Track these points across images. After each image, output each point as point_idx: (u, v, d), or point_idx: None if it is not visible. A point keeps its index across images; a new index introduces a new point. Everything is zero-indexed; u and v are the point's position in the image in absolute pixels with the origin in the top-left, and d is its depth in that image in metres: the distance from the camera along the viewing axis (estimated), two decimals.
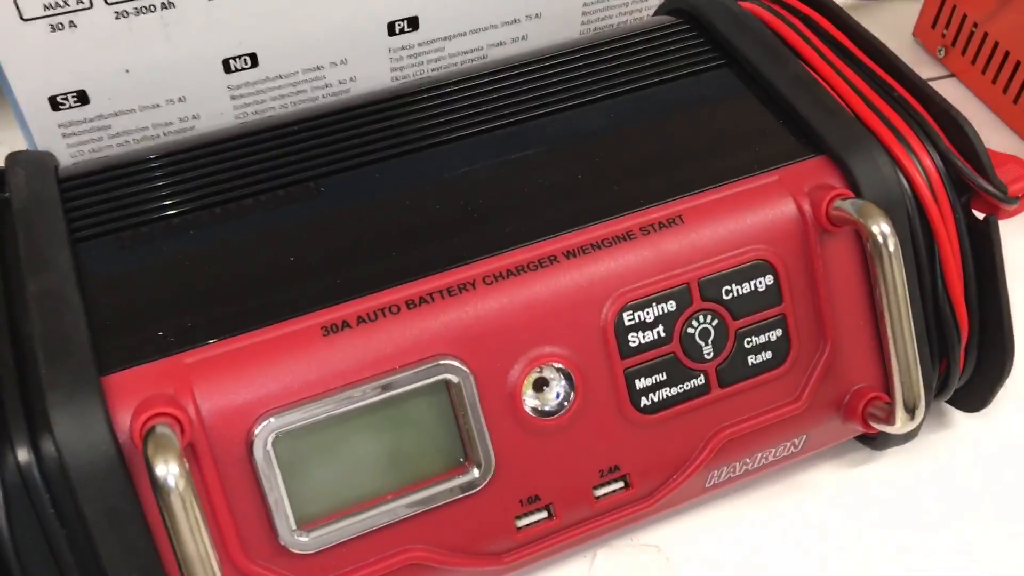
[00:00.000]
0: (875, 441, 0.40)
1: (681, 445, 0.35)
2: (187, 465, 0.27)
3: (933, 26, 0.57)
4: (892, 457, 0.40)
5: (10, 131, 0.48)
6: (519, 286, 0.32)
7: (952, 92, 0.56)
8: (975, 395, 0.40)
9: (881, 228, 0.33)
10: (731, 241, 0.34)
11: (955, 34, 0.55)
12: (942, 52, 0.57)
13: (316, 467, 0.31)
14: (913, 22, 0.59)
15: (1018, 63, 0.52)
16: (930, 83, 0.52)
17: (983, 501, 0.39)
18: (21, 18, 0.39)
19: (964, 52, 0.55)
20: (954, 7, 0.55)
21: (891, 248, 0.33)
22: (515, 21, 0.49)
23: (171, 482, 0.27)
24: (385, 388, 0.31)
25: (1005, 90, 0.53)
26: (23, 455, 0.29)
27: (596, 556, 0.38)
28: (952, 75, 0.57)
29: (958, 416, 0.42)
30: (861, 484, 0.40)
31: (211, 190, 0.35)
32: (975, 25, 0.54)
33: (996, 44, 0.53)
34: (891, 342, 0.34)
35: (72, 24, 0.40)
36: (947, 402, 0.41)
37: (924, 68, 0.57)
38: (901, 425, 0.35)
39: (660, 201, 0.34)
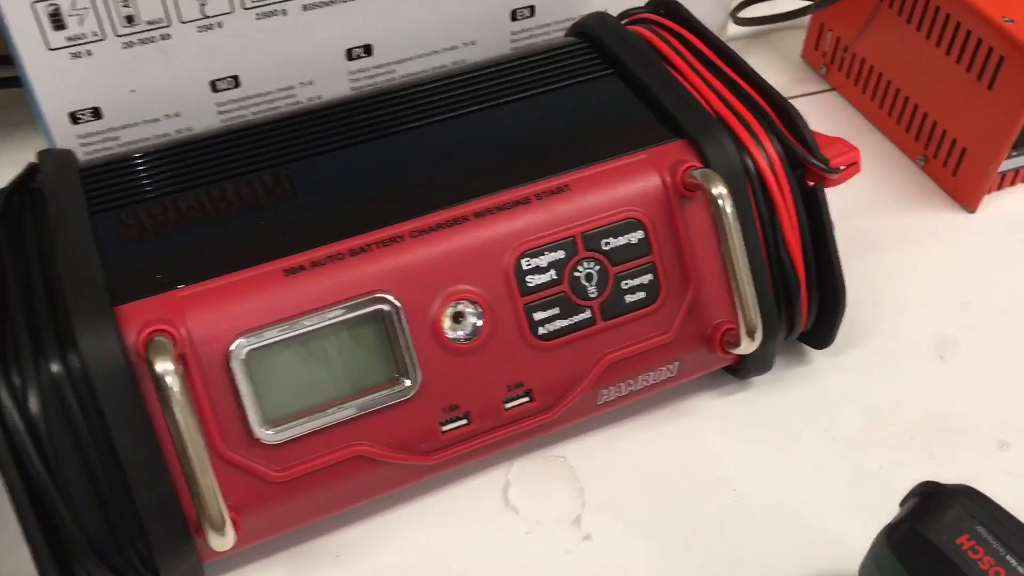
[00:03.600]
0: (739, 372, 0.49)
1: (574, 367, 0.44)
2: (180, 365, 0.36)
3: (816, 48, 0.67)
4: (759, 387, 0.49)
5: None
6: (439, 239, 0.42)
7: (833, 103, 0.66)
8: (821, 334, 0.49)
9: (719, 190, 0.42)
10: (608, 204, 0.43)
11: (832, 54, 0.65)
12: (824, 70, 0.67)
13: (281, 377, 0.40)
14: (801, 46, 0.69)
15: (880, 75, 0.62)
16: (815, 96, 0.63)
17: (831, 421, 0.48)
18: (48, 48, 0.49)
19: (840, 68, 0.65)
20: (830, 32, 0.65)
21: (728, 207, 0.43)
22: (453, 47, 0.58)
23: (167, 376, 0.36)
24: (334, 315, 0.40)
25: (872, 97, 0.63)
26: (55, 366, 0.38)
27: (514, 464, 0.46)
28: (833, 89, 0.67)
29: (812, 354, 0.51)
30: (730, 408, 0.49)
31: (194, 175, 0.44)
32: (846, 47, 0.64)
33: (863, 60, 0.63)
34: (733, 281, 0.43)
35: (89, 52, 0.50)
36: (801, 341, 0.50)
37: (811, 84, 0.67)
38: (745, 346, 0.44)
39: (552, 175, 0.44)
